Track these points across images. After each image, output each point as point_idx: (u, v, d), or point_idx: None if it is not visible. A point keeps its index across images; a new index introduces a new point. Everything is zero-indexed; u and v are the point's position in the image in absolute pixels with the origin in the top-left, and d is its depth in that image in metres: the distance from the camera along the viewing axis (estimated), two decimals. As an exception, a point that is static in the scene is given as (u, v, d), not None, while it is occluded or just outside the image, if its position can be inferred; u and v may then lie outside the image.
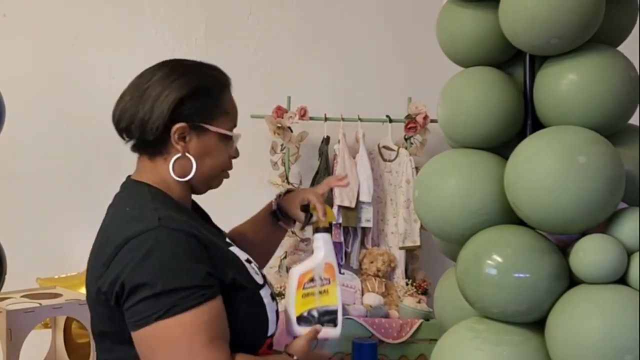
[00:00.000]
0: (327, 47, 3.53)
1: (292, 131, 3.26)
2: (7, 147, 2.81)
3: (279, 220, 1.77)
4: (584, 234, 1.62)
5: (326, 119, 3.30)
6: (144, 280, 1.24)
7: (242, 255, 1.47)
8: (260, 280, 1.45)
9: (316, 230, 1.60)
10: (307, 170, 3.37)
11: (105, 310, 1.33)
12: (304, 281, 1.52)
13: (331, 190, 3.19)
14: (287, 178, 3.29)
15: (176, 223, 1.31)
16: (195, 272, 1.27)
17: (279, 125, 3.23)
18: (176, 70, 1.42)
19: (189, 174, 1.41)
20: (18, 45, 3.33)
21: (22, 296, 2.45)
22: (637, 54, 1.85)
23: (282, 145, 3.27)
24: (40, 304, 2.34)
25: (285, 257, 3.23)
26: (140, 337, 1.26)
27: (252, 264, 1.48)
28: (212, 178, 1.49)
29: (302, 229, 1.73)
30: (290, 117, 3.23)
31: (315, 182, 3.27)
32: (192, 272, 1.26)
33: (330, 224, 1.62)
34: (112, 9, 3.40)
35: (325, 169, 3.24)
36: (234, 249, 1.47)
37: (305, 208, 1.67)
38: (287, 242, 3.20)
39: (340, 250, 3.27)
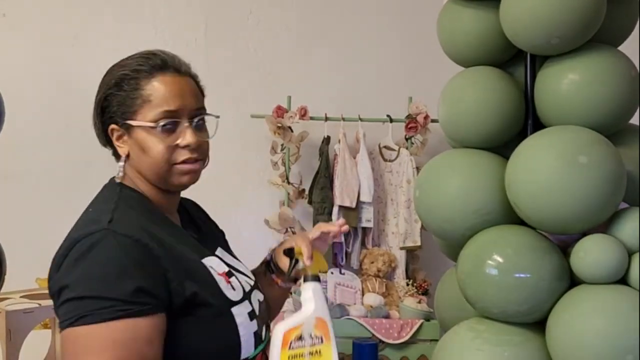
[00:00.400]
0: (328, 46, 3.53)
1: (292, 131, 3.26)
2: (7, 147, 2.81)
3: (272, 273, 1.53)
4: (584, 234, 1.62)
5: (326, 119, 3.29)
6: (69, 281, 1.15)
7: (220, 268, 1.33)
8: (235, 297, 1.30)
9: (304, 279, 1.37)
10: (308, 170, 3.36)
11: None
12: (290, 339, 1.27)
13: (332, 190, 3.20)
14: (287, 178, 3.29)
15: (127, 227, 1.20)
16: (123, 284, 1.13)
17: (279, 125, 3.23)
18: (110, 68, 1.34)
19: (143, 174, 1.31)
20: (18, 45, 3.33)
21: (22, 296, 2.45)
22: (637, 53, 1.84)
23: (282, 145, 3.27)
24: (39, 304, 2.33)
25: (285, 257, 3.22)
26: (61, 340, 1.15)
27: (235, 277, 1.34)
28: (162, 174, 1.30)
29: (287, 278, 1.50)
30: (291, 116, 3.23)
31: (315, 182, 3.27)
32: (120, 283, 1.13)
33: (318, 277, 1.37)
34: (112, 9, 3.40)
35: (325, 168, 3.24)
36: (211, 260, 1.33)
37: (290, 253, 1.43)
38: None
39: (341, 250, 3.27)
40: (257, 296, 1.39)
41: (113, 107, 1.30)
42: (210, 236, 1.49)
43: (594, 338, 1.50)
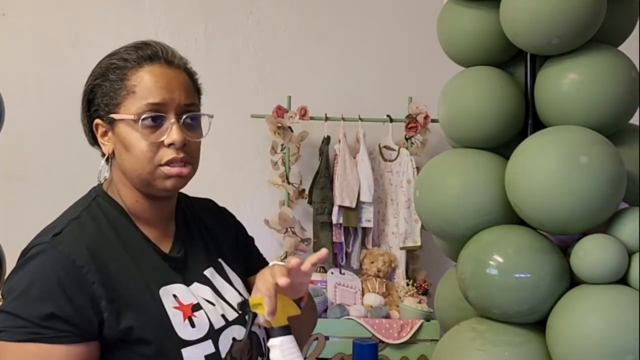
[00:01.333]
0: (328, 46, 3.53)
1: (292, 131, 3.26)
2: (7, 147, 2.81)
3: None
4: (584, 234, 1.62)
5: (327, 119, 3.29)
6: (3, 290, 1.11)
7: (186, 299, 1.18)
8: (192, 336, 1.14)
9: (268, 333, 1.15)
10: (308, 170, 3.36)
11: None
12: None
13: (332, 190, 3.20)
14: (287, 178, 3.29)
15: (70, 245, 1.10)
16: (41, 306, 1.05)
17: (279, 125, 3.23)
18: (98, 62, 1.24)
19: (127, 176, 1.20)
20: (18, 45, 3.33)
21: (22, 296, 2.44)
22: (637, 53, 1.84)
23: (282, 145, 3.27)
24: (40, 304, 2.33)
25: (285, 257, 3.22)
26: None
27: (204, 311, 1.18)
28: (145, 175, 1.17)
29: (248, 332, 1.19)
30: (291, 116, 3.23)
31: (315, 182, 3.27)
32: (38, 304, 1.05)
33: (287, 326, 1.14)
34: (112, 8, 3.41)
35: (325, 168, 3.24)
36: (175, 288, 1.18)
37: (243, 306, 1.21)
38: (287, 242, 3.20)
39: (341, 250, 3.27)
40: (232, 333, 1.21)
41: (97, 99, 1.20)
42: (205, 252, 1.31)
43: (594, 338, 1.50)
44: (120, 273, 1.13)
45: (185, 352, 1.13)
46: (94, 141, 1.25)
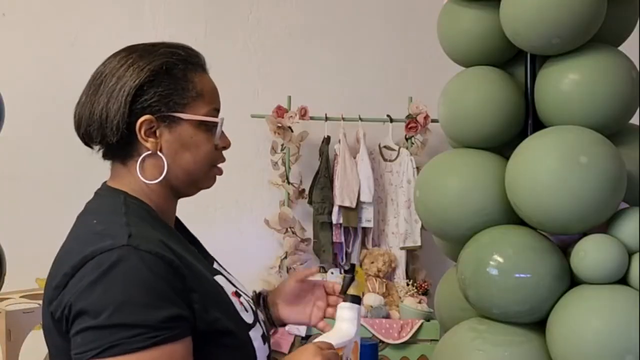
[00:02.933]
0: (328, 46, 3.53)
1: (292, 131, 3.26)
2: (7, 147, 2.81)
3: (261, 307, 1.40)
4: (584, 234, 1.62)
5: (327, 119, 3.29)
6: (88, 306, 1.01)
7: (229, 287, 1.20)
8: (249, 319, 1.18)
9: (346, 298, 1.30)
10: (308, 170, 3.36)
11: (61, 341, 1.09)
12: None
13: (332, 190, 3.20)
14: (287, 178, 3.29)
15: (149, 243, 1.05)
16: (153, 309, 1.01)
17: (280, 125, 3.23)
18: (131, 54, 1.18)
19: (173, 173, 1.18)
20: (18, 45, 3.33)
21: (22, 296, 2.45)
22: (637, 53, 1.84)
23: (282, 145, 3.27)
24: (39, 304, 2.33)
25: (285, 257, 3.22)
26: None
27: (242, 297, 1.22)
28: (199, 176, 1.22)
29: (343, 292, 1.33)
30: (291, 116, 3.23)
31: (315, 182, 3.27)
32: (149, 308, 1.01)
33: (360, 298, 1.32)
34: (112, 8, 3.41)
35: (325, 168, 3.24)
36: (220, 278, 1.21)
37: (351, 270, 1.34)
38: (287, 242, 3.20)
39: (341, 250, 3.27)
40: (261, 316, 1.27)
41: (153, 96, 1.15)
42: (201, 249, 1.34)
43: (594, 338, 1.50)
44: (192, 265, 1.11)
45: (251, 334, 1.16)
46: (119, 137, 1.16)
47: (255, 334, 1.17)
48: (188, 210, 1.62)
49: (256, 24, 3.52)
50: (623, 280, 1.57)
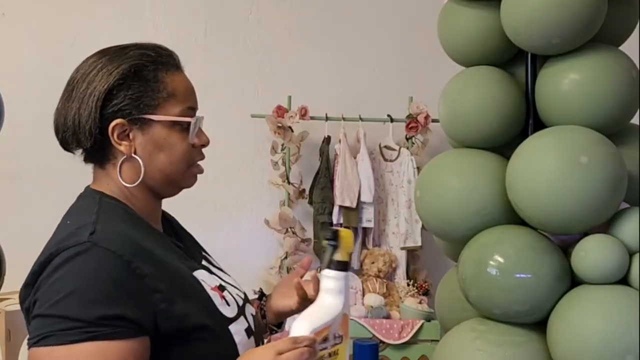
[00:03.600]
0: (328, 46, 3.53)
1: (292, 131, 3.26)
2: (7, 147, 2.81)
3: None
4: (585, 234, 1.61)
5: (327, 119, 3.29)
6: (40, 296, 1.05)
7: (211, 281, 1.21)
8: (231, 312, 1.18)
9: (334, 265, 1.18)
10: (308, 170, 3.36)
11: None
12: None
13: (332, 190, 3.20)
14: (287, 178, 3.28)
15: (111, 241, 1.07)
16: (95, 306, 1.02)
17: (280, 125, 3.23)
18: (101, 58, 1.19)
19: (150, 175, 1.19)
20: (17, 44, 3.32)
21: (22, 297, 2.44)
22: (637, 53, 1.84)
23: (282, 145, 3.27)
24: (40, 304, 2.33)
25: (286, 258, 3.22)
26: None
27: (228, 291, 1.23)
28: (177, 176, 1.21)
29: (328, 266, 1.21)
30: (291, 116, 3.23)
31: (315, 182, 3.27)
32: (92, 303, 1.02)
33: (346, 264, 1.20)
34: (112, 8, 3.41)
35: (326, 168, 3.24)
36: (202, 273, 1.21)
37: (334, 236, 1.20)
38: (287, 242, 3.20)
39: (341, 251, 3.26)
40: (250, 310, 1.28)
41: (123, 99, 1.16)
42: (193, 246, 1.36)
43: (595, 338, 1.50)
44: (163, 263, 1.12)
45: (231, 328, 1.16)
46: (91, 142, 1.18)
47: (237, 328, 1.18)
48: (188, 210, 1.62)
49: (256, 24, 3.52)
50: (623, 281, 1.57)
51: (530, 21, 1.64)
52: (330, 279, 1.17)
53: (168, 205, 1.31)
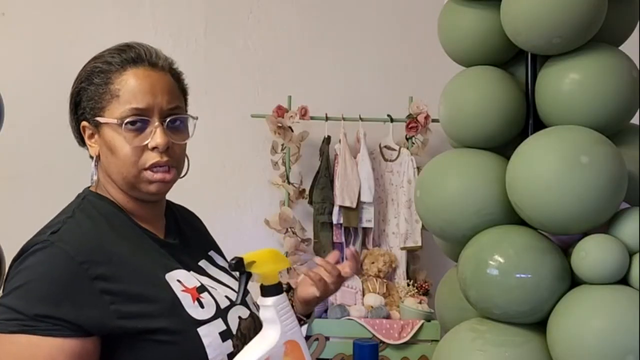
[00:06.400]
0: (328, 46, 3.53)
1: (292, 131, 3.26)
2: (7, 147, 2.81)
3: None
4: (585, 234, 1.61)
5: (327, 119, 3.29)
6: (5, 286, 1.12)
7: (190, 282, 1.20)
8: (203, 315, 1.18)
9: (261, 291, 1.12)
10: (308, 170, 3.36)
11: None
12: None
13: (332, 190, 3.20)
14: (287, 178, 3.28)
15: (70, 241, 1.11)
16: (36, 302, 1.06)
17: (280, 124, 3.23)
18: (87, 62, 1.26)
19: (112, 178, 1.22)
20: (17, 44, 3.33)
21: (22, 297, 2.44)
22: (637, 53, 1.84)
23: (282, 145, 3.27)
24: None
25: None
26: None
27: (209, 292, 1.22)
28: (130, 179, 1.20)
29: (242, 299, 1.20)
30: (291, 116, 3.23)
31: (316, 182, 3.27)
32: (35, 300, 1.07)
33: (279, 283, 1.13)
34: (112, 8, 3.40)
35: (326, 168, 3.24)
36: (178, 274, 1.20)
37: (238, 266, 1.11)
38: (287, 243, 3.20)
39: (341, 251, 3.26)
40: (238, 313, 1.26)
41: (83, 102, 1.22)
42: (197, 246, 1.36)
43: (595, 338, 1.49)
44: (125, 264, 1.14)
45: (201, 330, 1.16)
46: (82, 142, 1.28)
47: (209, 330, 1.17)
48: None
49: (256, 24, 3.52)
50: (624, 281, 1.57)
51: (530, 21, 1.64)
52: (262, 307, 1.12)
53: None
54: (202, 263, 1.32)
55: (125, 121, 1.17)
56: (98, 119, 1.20)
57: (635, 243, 1.57)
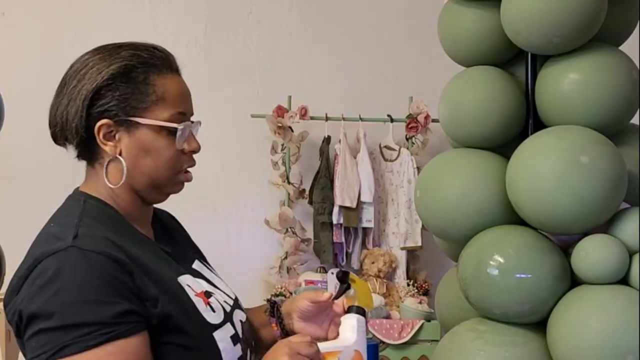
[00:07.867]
0: (328, 46, 3.52)
1: (292, 131, 3.26)
2: (7, 147, 2.80)
3: (273, 317, 1.38)
4: (585, 234, 1.61)
5: (327, 119, 3.29)
6: (39, 310, 1.01)
7: (197, 287, 1.20)
8: (216, 319, 1.17)
9: (349, 309, 1.29)
10: (308, 170, 3.36)
11: (20, 342, 1.09)
12: None
13: (332, 190, 3.20)
14: (287, 178, 3.28)
15: (95, 242, 1.06)
16: (102, 306, 1.01)
17: (280, 124, 3.23)
18: (94, 56, 1.18)
19: (132, 178, 1.17)
20: (18, 44, 3.32)
21: (22, 297, 2.44)
22: (637, 53, 1.84)
23: (282, 145, 3.27)
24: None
25: (286, 258, 3.22)
26: None
27: (215, 297, 1.21)
28: (162, 181, 1.19)
29: (335, 298, 1.33)
30: (291, 116, 3.23)
31: (316, 182, 3.27)
32: (98, 305, 1.01)
33: (364, 311, 1.30)
34: (112, 8, 3.41)
35: (326, 168, 3.24)
36: (186, 278, 1.19)
37: (344, 277, 1.34)
38: (287, 242, 3.20)
39: (341, 251, 3.27)
40: (238, 316, 1.26)
41: (110, 100, 1.15)
42: (186, 250, 1.34)
43: (595, 338, 1.49)
44: (148, 264, 1.11)
45: (216, 335, 1.14)
46: (80, 140, 1.19)
47: (222, 335, 1.16)
48: (188, 210, 1.62)
49: (256, 23, 3.52)
50: (624, 281, 1.57)
51: (530, 21, 1.64)
52: (347, 319, 1.28)
53: (168, 204, 1.31)
54: (196, 265, 1.30)
55: (175, 126, 1.16)
56: (135, 119, 1.15)
57: (635, 243, 1.57)
